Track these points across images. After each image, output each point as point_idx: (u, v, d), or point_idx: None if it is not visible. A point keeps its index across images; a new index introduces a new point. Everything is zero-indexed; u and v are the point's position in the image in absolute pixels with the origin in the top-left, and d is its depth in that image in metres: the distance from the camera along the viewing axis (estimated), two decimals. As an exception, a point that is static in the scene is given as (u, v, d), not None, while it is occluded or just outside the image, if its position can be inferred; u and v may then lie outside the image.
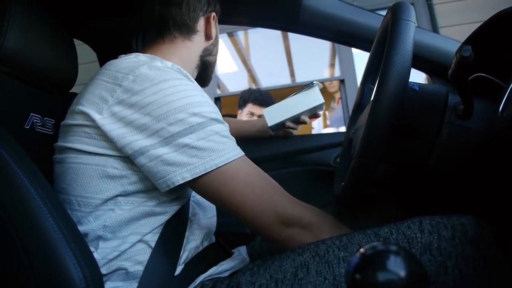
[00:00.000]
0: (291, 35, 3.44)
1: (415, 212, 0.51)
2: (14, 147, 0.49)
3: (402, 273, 0.22)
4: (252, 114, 2.14)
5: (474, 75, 0.49)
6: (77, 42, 0.86)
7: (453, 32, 2.28)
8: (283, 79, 4.36)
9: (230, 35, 3.36)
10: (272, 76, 4.23)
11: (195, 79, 0.76)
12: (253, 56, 3.98)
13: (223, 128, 0.58)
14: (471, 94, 0.46)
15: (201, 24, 0.74)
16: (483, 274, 0.40)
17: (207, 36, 0.75)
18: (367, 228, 0.51)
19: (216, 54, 0.80)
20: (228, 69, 3.97)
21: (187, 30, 0.71)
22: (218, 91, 2.93)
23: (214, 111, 0.57)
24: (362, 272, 0.23)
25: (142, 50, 0.72)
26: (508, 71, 0.46)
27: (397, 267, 0.23)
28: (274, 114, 0.96)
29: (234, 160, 0.56)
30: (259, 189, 0.56)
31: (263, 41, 3.76)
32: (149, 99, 0.53)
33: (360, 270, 0.24)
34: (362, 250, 0.25)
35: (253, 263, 0.55)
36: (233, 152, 0.56)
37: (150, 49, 0.71)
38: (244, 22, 1.07)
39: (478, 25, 0.56)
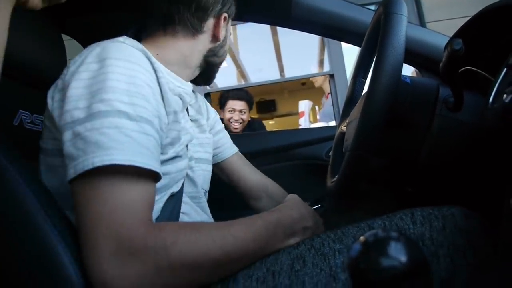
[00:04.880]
0: (280, 30, 3.44)
1: (408, 205, 0.52)
2: (7, 145, 0.48)
3: (403, 258, 0.23)
4: (233, 110, 2.30)
5: (463, 69, 0.50)
6: (65, 37, 0.85)
7: (440, 27, 2.32)
8: (273, 75, 4.36)
9: (219, 30, 3.33)
10: (261, 71, 4.23)
11: (197, 77, 0.74)
12: (242, 52, 3.97)
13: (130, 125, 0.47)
14: (461, 87, 0.47)
15: (209, 24, 0.69)
16: (473, 262, 0.41)
17: (215, 37, 0.70)
18: (361, 221, 0.52)
19: (222, 56, 0.75)
20: (217, 64, 3.94)
21: (193, 29, 0.67)
22: (208, 87, 2.91)
23: (125, 101, 0.48)
24: (365, 259, 0.24)
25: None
26: (495, 64, 0.47)
27: (398, 253, 0.23)
28: None
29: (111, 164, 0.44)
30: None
31: (252, 36, 3.75)
32: (74, 78, 0.50)
33: (362, 256, 0.24)
34: (363, 238, 0.25)
35: None
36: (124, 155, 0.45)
37: (147, 41, 0.67)
38: (235, 16, 1.07)
39: (465, 20, 0.57)
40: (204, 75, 0.75)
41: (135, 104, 0.48)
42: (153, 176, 0.48)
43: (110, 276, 0.41)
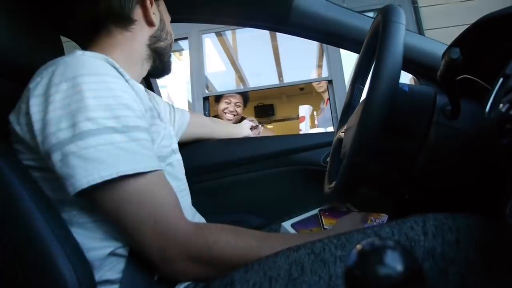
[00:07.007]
0: (279, 36, 3.45)
1: (405, 211, 0.51)
2: (5, 148, 0.48)
3: (399, 267, 0.23)
4: (229, 101, 2.36)
5: (460, 77, 0.50)
6: (63, 38, 0.85)
7: (438, 34, 2.34)
8: (271, 79, 4.38)
9: (218, 34, 3.35)
10: (260, 76, 4.25)
11: (153, 69, 0.73)
12: (241, 56, 3.99)
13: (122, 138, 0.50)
14: (458, 95, 0.47)
15: (138, 12, 0.68)
16: (486, 280, 0.38)
17: (149, 23, 0.69)
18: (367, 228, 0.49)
19: (167, 39, 0.74)
20: (216, 68, 3.96)
21: (123, 21, 0.66)
22: (206, 91, 2.92)
23: (109, 117, 0.50)
24: (361, 267, 0.24)
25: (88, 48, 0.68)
26: (493, 73, 0.48)
27: (394, 262, 0.23)
28: None
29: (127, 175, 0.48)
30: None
31: (251, 41, 3.77)
32: (47, 101, 0.50)
33: (358, 264, 0.24)
34: (359, 246, 0.25)
35: None
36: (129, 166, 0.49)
37: (92, 45, 0.67)
38: (234, 21, 1.07)
39: (463, 28, 0.57)
40: (158, 64, 0.74)
41: (119, 116, 0.50)
42: (160, 174, 0.53)
43: (161, 263, 0.50)
